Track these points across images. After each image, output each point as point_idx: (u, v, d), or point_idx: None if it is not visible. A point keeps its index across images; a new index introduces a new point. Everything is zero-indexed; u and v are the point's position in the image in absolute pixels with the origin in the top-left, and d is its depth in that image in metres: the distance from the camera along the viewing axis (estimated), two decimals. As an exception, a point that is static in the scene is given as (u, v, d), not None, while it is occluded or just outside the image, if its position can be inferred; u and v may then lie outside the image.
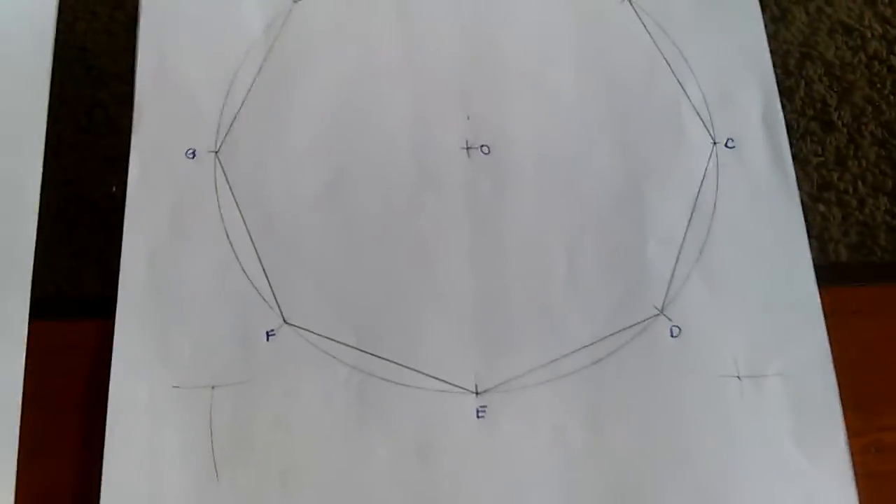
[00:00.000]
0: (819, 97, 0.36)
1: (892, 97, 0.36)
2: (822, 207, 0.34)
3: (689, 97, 0.34)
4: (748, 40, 0.35)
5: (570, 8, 0.36)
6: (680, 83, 0.35)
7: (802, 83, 0.36)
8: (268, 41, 0.35)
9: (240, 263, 0.32)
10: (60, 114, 0.34)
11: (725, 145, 0.34)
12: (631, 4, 0.36)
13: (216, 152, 0.33)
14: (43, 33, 0.35)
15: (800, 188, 0.34)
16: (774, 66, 0.36)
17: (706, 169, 0.33)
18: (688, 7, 0.36)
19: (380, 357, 0.31)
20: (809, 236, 0.33)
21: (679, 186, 0.33)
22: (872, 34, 0.37)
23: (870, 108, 0.36)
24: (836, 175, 0.35)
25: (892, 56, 0.37)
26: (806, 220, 0.33)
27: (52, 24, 0.35)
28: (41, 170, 0.33)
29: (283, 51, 0.35)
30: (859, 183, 0.35)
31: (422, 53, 0.35)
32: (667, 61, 0.35)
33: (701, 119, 0.34)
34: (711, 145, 0.34)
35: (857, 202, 0.34)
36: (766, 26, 0.36)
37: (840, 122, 0.35)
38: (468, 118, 0.34)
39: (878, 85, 0.36)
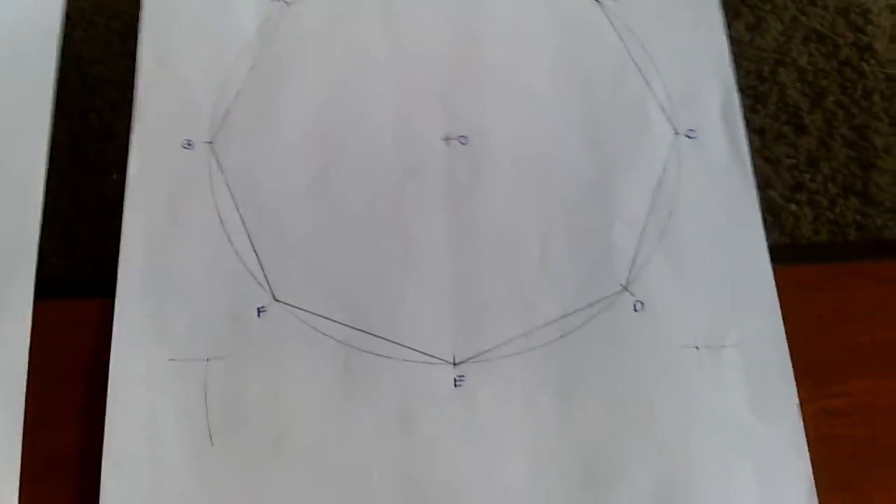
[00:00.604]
0: (792, 102, 0.37)
1: (862, 101, 0.37)
2: (794, 207, 0.35)
3: (654, 93, 0.36)
4: (710, 40, 0.37)
5: (545, 10, 0.37)
6: (646, 80, 0.36)
7: (776, 88, 0.37)
8: (260, 41, 0.37)
9: (232, 246, 0.34)
10: (56, 119, 0.35)
11: (686, 136, 0.36)
12: (601, 7, 0.38)
13: (211, 143, 0.35)
14: (48, 39, 0.37)
15: (773, 189, 0.35)
16: (749, 72, 0.37)
17: (668, 157, 0.35)
18: (654, 9, 0.37)
19: (364, 331, 0.32)
20: (781, 234, 0.35)
21: (643, 174, 0.35)
22: (844, 41, 0.38)
23: (841, 112, 0.37)
24: (807, 176, 0.36)
25: (862, 62, 0.38)
26: (778, 220, 0.35)
27: (58, 31, 0.37)
28: (46, 162, 0.35)
29: (275, 50, 0.37)
30: (830, 184, 0.36)
31: (405, 53, 0.37)
32: (634, 60, 0.37)
33: (665, 113, 0.36)
34: (673, 136, 0.36)
35: (828, 202, 0.36)
36: (741, 34, 0.38)
37: (812, 126, 0.37)
38: (448, 113, 0.36)
39: (850, 90, 0.37)
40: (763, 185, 0.35)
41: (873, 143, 0.37)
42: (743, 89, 0.37)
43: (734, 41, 0.38)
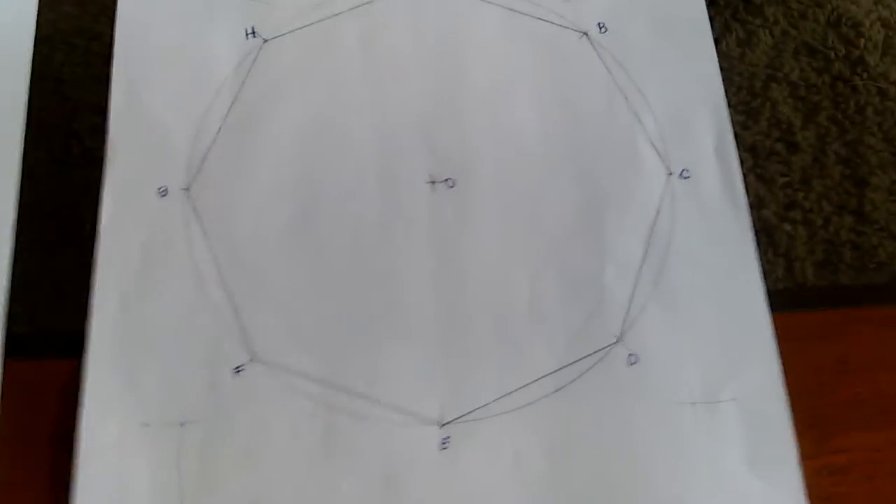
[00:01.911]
0: (784, 118, 0.36)
1: (856, 117, 0.37)
2: (787, 226, 0.35)
3: (645, 129, 0.35)
4: (701, 73, 0.36)
5: (530, 45, 0.36)
6: (636, 116, 0.35)
7: (768, 104, 0.37)
8: (238, 79, 0.35)
9: (209, 300, 0.32)
10: (36, 144, 0.34)
11: (680, 176, 0.35)
12: (589, 40, 0.37)
13: (187, 189, 0.34)
14: (19, 63, 0.36)
15: (766, 207, 0.35)
16: (740, 87, 0.36)
17: (662, 199, 0.34)
18: (644, 42, 0.36)
19: (345, 391, 0.31)
20: (776, 254, 0.34)
21: (636, 217, 0.34)
22: (836, 55, 0.38)
23: (834, 128, 0.36)
24: (801, 194, 0.35)
25: (855, 76, 0.37)
26: (772, 239, 0.34)
27: (28, 55, 0.36)
28: (15, 209, 0.34)
29: (253, 89, 0.35)
30: (824, 202, 0.35)
31: (386, 90, 0.35)
32: (623, 94, 0.36)
33: (657, 150, 0.35)
34: (667, 176, 0.35)
35: (823, 221, 0.35)
36: (732, 49, 0.37)
37: (805, 143, 0.36)
38: (433, 152, 0.35)
39: (843, 105, 0.37)
40: (756, 204, 0.35)
41: (867, 160, 0.36)
42: (734, 105, 0.36)
43: (724, 56, 0.37)
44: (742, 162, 0.35)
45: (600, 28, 0.37)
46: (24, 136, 0.34)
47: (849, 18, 0.38)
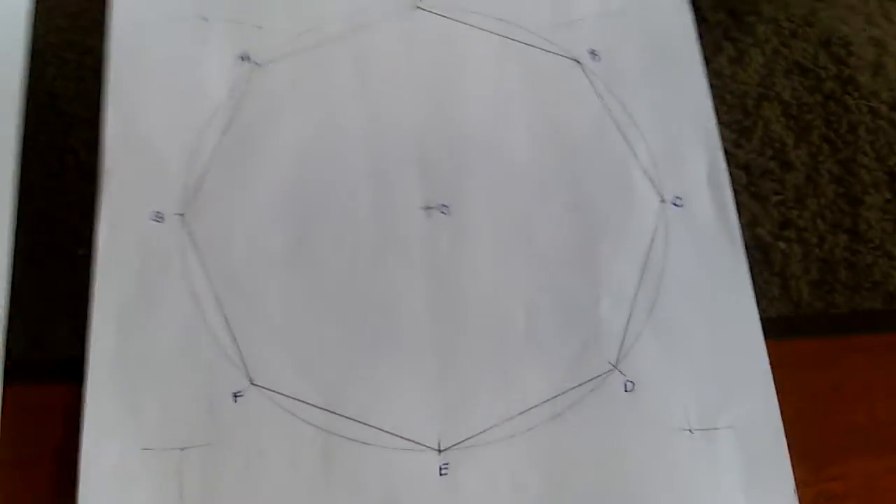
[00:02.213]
0: (777, 137, 0.37)
1: (848, 135, 0.37)
2: (782, 245, 0.35)
3: (637, 157, 0.35)
4: (693, 100, 0.36)
5: (523, 71, 0.37)
6: (629, 144, 0.36)
7: (760, 123, 0.37)
8: (231, 104, 0.35)
9: (207, 325, 0.32)
10: (31, 159, 0.34)
11: (673, 203, 0.35)
12: (581, 68, 0.37)
13: (182, 215, 0.34)
14: (11, 78, 0.35)
15: (760, 226, 0.35)
16: (732, 106, 0.37)
17: (655, 227, 0.34)
18: (635, 70, 0.37)
19: (344, 416, 0.31)
20: (771, 273, 0.34)
21: (630, 245, 0.34)
22: (827, 74, 0.38)
23: (826, 147, 0.37)
24: (795, 213, 0.36)
25: (846, 95, 0.38)
26: (767, 258, 0.34)
27: (20, 69, 0.36)
28: (12, 236, 0.33)
29: (247, 113, 0.35)
30: (818, 220, 0.36)
31: (381, 115, 0.35)
32: (616, 122, 0.36)
33: (649, 178, 0.35)
34: (660, 203, 0.35)
35: (818, 239, 0.35)
36: (724, 68, 0.37)
37: (798, 161, 0.36)
38: (427, 178, 0.35)
39: (835, 124, 0.37)
40: (751, 223, 0.35)
41: (860, 179, 0.36)
42: (727, 124, 0.37)
43: (717, 75, 0.37)
44: (736, 180, 0.36)
45: (592, 56, 0.37)
46: (19, 157, 0.34)
47: (840, 38, 0.39)
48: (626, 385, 0.32)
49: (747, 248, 0.34)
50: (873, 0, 0.40)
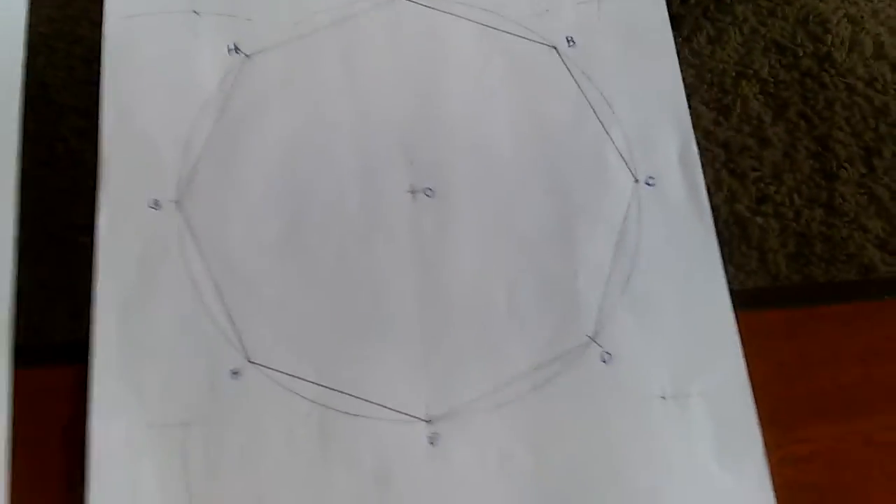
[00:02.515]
0: (755, 114, 0.37)
1: (824, 112, 0.38)
2: (760, 220, 0.36)
3: (612, 140, 0.37)
4: (666, 86, 0.38)
5: (504, 59, 0.38)
6: (604, 127, 0.37)
7: (739, 101, 0.37)
8: (222, 95, 0.36)
9: (205, 307, 0.33)
10: (23, 148, 0.35)
11: (646, 183, 0.36)
12: (559, 54, 0.38)
13: (178, 202, 0.35)
14: (11, 72, 0.36)
15: (738, 202, 0.36)
16: (711, 84, 0.37)
17: (629, 206, 0.36)
18: (611, 56, 0.38)
19: (337, 391, 0.33)
20: (749, 247, 0.35)
21: (605, 223, 0.35)
22: (804, 52, 0.39)
23: (803, 123, 0.37)
24: (773, 188, 0.36)
25: (823, 73, 0.38)
26: (745, 233, 0.35)
27: (20, 63, 0.36)
28: (16, 224, 0.35)
29: (237, 104, 0.36)
30: (795, 195, 0.36)
31: (367, 104, 0.37)
32: (592, 107, 0.37)
33: (624, 160, 0.36)
34: (633, 184, 0.36)
35: (794, 214, 0.36)
36: (703, 47, 0.38)
37: (775, 138, 0.37)
38: (412, 163, 0.36)
39: (811, 101, 0.38)
40: (729, 199, 0.36)
41: (836, 154, 0.37)
42: (706, 102, 0.37)
43: (695, 54, 0.38)
44: (715, 157, 0.37)
45: (569, 42, 0.38)
46: (20, 144, 0.35)
47: (816, 15, 0.39)
48: (602, 356, 0.34)
49: (726, 223, 0.35)
50: None
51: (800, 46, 0.39)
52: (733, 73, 0.38)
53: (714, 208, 0.36)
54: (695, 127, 0.37)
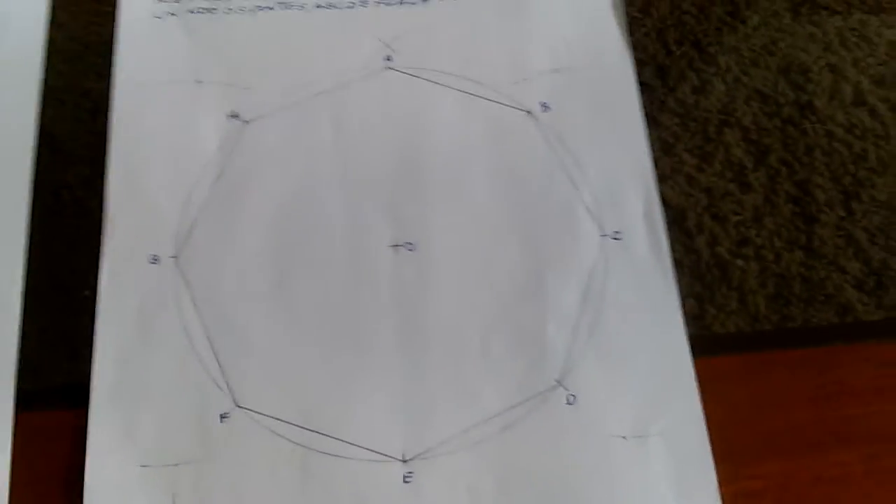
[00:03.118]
0: (737, 160, 0.38)
1: (804, 158, 0.38)
2: (740, 262, 0.37)
3: (582, 198, 0.38)
4: (633, 149, 0.39)
5: (482, 124, 0.40)
6: (574, 186, 0.39)
7: (722, 148, 0.38)
8: (221, 158, 0.38)
9: (197, 355, 0.35)
10: (42, 191, 0.37)
11: (612, 237, 0.38)
12: (533, 118, 0.40)
13: (176, 258, 0.36)
14: (25, 127, 0.38)
15: (720, 244, 0.37)
16: (695, 133, 0.38)
17: (596, 258, 0.37)
18: (582, 121, 0.40)
19: (319, 433, 0.35)
20: (729, 288, 0.36)
21: (574, 274, 0.37)
22: (786, 100, 0.39)
23: (784, 169, 0.38)
24: (753, 232, 0.37)
25: (804, 120, 0.39)
26: (725, 275, 0.36)
27: (34, 117, 0.39)
28: (23, 267, 0.37)
29: (235, 166, 0.38)
30: (775, 238, 0.37)
31: (355, 166, 0.39)
32: (564, 167, 0.39)
33: (592, 216, 0.38)
34: (600, 238, 0.38)
35: (774, 256, 0.37)
36: (687, 97, 0.39)
37: (757, 183, 0.38)
38: (395, 222, 0.38)
39: (792, 147, 0.39)
40: (711, 242, 0.37)
41: (816, 198, 0.38)
42: (690, 149, 0.38)
43: (680, 103, 0.39)
44: (697, 202, 0.37)
45: (543, 108, 0.40)
46: (31, 195, 0.37)
47: (798, 65, 0.40)
48: (568, 398, 0.35)
49: (707, 265, 0.36)
50: (832, 29, 0.41)
51: (781, 95, 0.39)
52: (717, 122, 0.39)
53: (695, 251, 0.37)
54: (678, 173, 0.38)
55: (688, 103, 0.39)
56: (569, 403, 0.35)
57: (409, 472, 0.34)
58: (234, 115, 0.39)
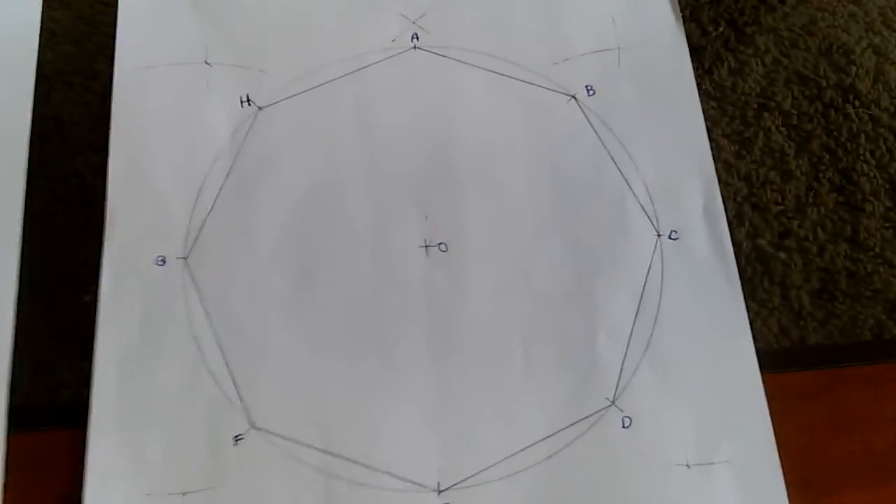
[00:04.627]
0: (778, 147, 0.37)
1: (848, 144, 0.37)
2: (783, 255, 0.35)
3: (633, 192, 0.36)
4: (690, 135, 0.37)
5: (519, 109, 0.37)
6: (625, 179, 0.36)
7: (761, 134, 0.37)
8: (234, 147, 0.36)
9: (208, 369, 0.33)
10: (37, 183, 0.35)
11: (669, 237, 0.35)
12: (578, 104, 0.37)
13: (185, 258, 0.34)
14: (20, 110, 0.36)
15: (761, 237, 0.35)
16: (733, 117, 0.37)
17: (651, 261, 0.35)
18: (632, 105, 0.37)
19: (344, 458, 0.32)
20: (771, 283, 0.34)
21: (627, 279, 0.34)
22: (828, 83, 0.38)
23: (827, 157, 0.37)
24: (796, 223, 0.36)
25: (847, 104, 0.38)
26: (767, 268, 0.34)
27: (29, 99, 0.36)
28: (16, 279, 0.34)
29: (249, 157, 0.36)
30: (819, 230, 0.36)
31: (380, 156, 0.36)
32: (612, 157, 0.36)
33: (646, 213, 0.35)
34: (656, 238, 0.35)
35: (818, 248, 0.35)
36: (724, 79, 0.37)
37: (798, 171, 0.36)
38: (426, 218, 0.35)
39: (835, 133, 0.37)
40: (752, 234, 0.35)
41: (860, 187, 0.36)
42: (728, 135, 0.37)
43: (717, 86, 0.38)
44: (737, 191, 0.36)
45: (588, 91, 0.37)
46: (25, 190, 0.35)
47: (840, 46, 0.39)
48: (622, 420, 0.32)
49: (748, 258, 0.35)
50: (874, 8, 0.40)
51: (823, 78, 0.38)
52: (755, 106, 0.37)
53: (736, 243, 0.35)
54: (716, 160, 0.36)
55: (725, 86, 0.38)
56: (624, 426, 0.32)
57: (446, 504, 0.31)
58: (247, 101, 0.37)
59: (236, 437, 0.32)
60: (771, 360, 0.33)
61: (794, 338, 0.34)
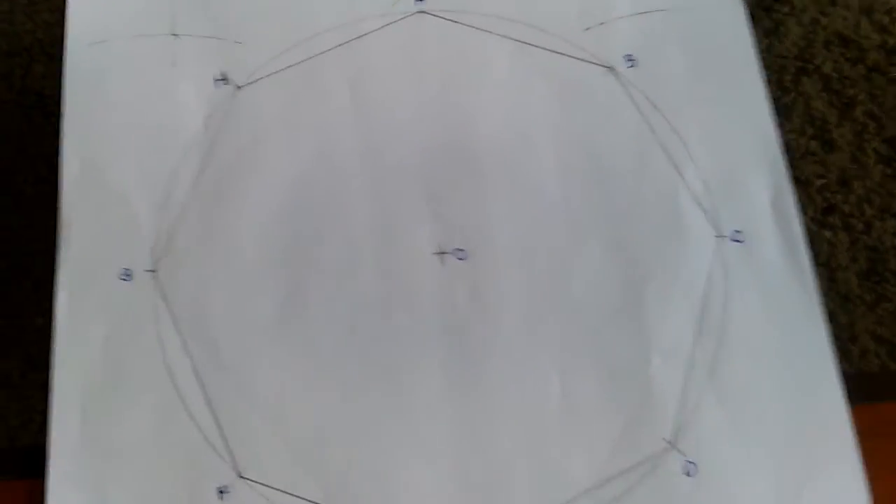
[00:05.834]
0: (818, 114, 0.35)
1: (894, 111, 0.35)
2: (827, 233, 0.33)
3: (686, 183, 0.33)
4: (751, 113, 0.34)
5: (548, 83, 0.34)
6: (676, 168, 0.33)
7: (800, 100, 0.35)
8: (208, 136, 0.33)
9: (185, 406, 0.30)
10: (19, 165, 0.33)
11: (732, 239, 0.32)
12: (616, 77, 0.34)
13: (154, 272, 0.32)
14: None
15: (804, 213, 0.33)
16: (769, 82, 0.35)
17: (711, 268, 0.31)
18: (682, 78, 0.34)
19: None
20: (816, 264, 0.32)
21: (682, 290, 0.31)
22: (870, 44, 0.36)
23: (872, 124, 0.35)
24: (840, 197, 0.34)
25: (892, 67, 0.36)
26: (812, 247, 0.32)
27: None
28: None
29: (226, 146, 0.33)
30: (865, 205, 0.34)
31: (382, 143, 0.33)
32: (660, 143, 0.33)
33: (702, 209, 0.32)
34: (715, 239, 0.32)
35: (864, 225, 0.33)
36: (759, 40, 0.35)
37: (842, 140, 0.35)
38: (439, 217, 0.32)
39: (880, 98, 0.35)
40: None
41: None
42: None
43: None
44: None
45: (628, 61, 0.34)
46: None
47: (883, 4, 0.37)
48: (685, 467, 0.29)
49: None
50: None
51: (865, 38, 0.36)
52: (793, 69, 0.36)
53: None
54: None
55: (760, 48, 0.36)
56: (687, 473, 0.29)
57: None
58: (223, 79, 0.34)
59: (220, 489, 0.29)
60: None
61: (841, 322, 0.32)
